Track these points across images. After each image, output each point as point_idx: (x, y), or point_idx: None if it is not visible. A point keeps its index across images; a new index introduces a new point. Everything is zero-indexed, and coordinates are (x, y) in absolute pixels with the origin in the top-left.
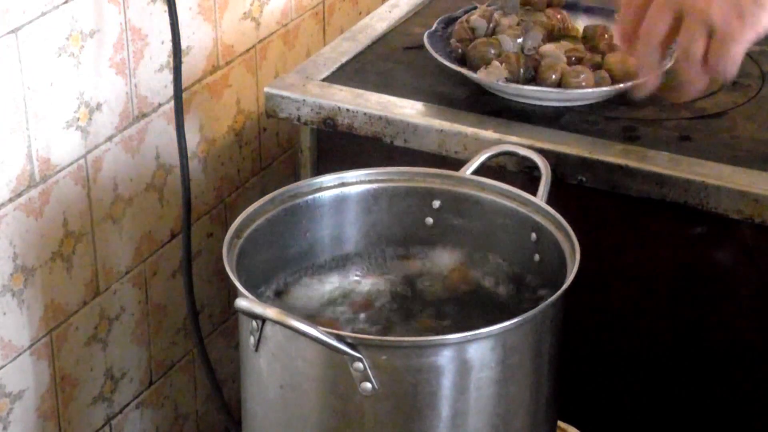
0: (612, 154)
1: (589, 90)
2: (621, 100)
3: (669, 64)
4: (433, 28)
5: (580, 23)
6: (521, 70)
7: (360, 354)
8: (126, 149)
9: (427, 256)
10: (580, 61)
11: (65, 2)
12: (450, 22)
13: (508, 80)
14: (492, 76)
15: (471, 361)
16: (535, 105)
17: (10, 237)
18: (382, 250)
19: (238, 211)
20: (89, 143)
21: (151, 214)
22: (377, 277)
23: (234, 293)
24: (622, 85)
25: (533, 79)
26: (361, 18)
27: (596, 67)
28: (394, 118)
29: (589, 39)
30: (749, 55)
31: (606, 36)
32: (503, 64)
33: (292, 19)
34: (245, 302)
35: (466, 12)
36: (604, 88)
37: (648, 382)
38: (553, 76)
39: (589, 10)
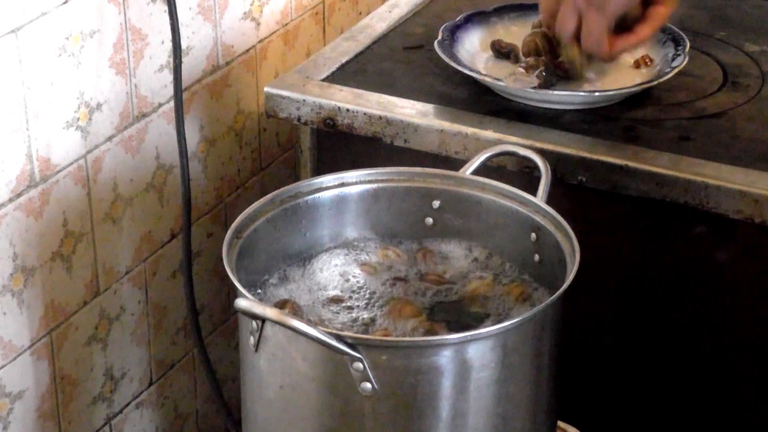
0: (612, 154)
1: (627, 89)
2: (621, 99)
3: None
4: (440, 37)
5: None
6: (544, 74)
7: (360, 354)
8: (126, 149)
9: (426, 255)
10: None
11: (65, 2)
12: (454, 29)
13: (540, 87)
14: (519, 84)
15: (471, 362)
16: (536, 105)
17: (10, 237)
18: (382, 250)
19: (238, 211)
20: (89, 143)
21: (151, 214)
22: (377, 278)
23: (234, 293)
24: (653, 82)
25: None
26: (361, 18)
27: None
28: (394, 118)
29: None
30: (749, 55)
31: None
32: (529, 71)
33: (292, 19)
34: (245, 302)
35: (466, 19)
36: (632, 88)
37: (648, 382)
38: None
39: None
